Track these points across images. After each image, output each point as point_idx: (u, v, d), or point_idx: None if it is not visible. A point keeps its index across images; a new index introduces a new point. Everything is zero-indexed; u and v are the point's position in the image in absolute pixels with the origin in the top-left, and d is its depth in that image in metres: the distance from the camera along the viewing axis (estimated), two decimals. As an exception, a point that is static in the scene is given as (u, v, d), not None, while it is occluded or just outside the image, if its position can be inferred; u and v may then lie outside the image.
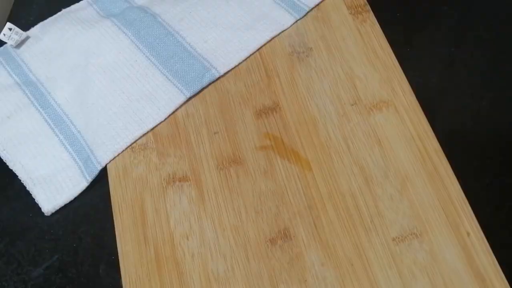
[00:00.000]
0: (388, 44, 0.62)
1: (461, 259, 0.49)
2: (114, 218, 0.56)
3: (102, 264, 0.54)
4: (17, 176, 0.60)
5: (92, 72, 0.65)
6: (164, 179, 0.57)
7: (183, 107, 0.62)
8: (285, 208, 0.54)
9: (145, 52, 0.65)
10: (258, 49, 0.65)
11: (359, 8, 0.65)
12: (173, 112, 0.59)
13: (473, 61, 0.61)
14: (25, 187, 0.59)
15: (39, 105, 0.64)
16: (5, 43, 0.68)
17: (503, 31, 0.63)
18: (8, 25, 0.66)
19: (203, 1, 0.69)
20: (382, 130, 0.56)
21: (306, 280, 0.50)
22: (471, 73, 0.60)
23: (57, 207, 0.58)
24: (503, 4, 0.65)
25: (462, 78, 0.60)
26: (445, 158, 0.54)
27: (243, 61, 0.64)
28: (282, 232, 0.52)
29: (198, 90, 0.61)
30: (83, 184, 0.58)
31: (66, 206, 0.58)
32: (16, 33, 0.67)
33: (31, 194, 0.58)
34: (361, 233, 0.51)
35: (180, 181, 0.57)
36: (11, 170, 0.60)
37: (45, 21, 0.71)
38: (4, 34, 0.66)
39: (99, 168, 0.59)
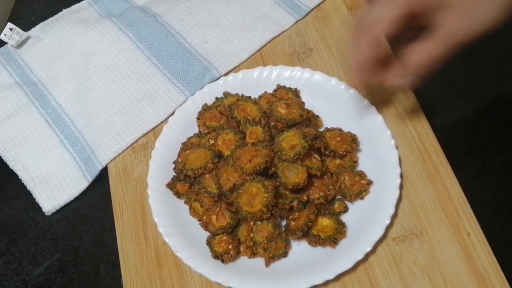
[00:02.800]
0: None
1: (461, 259, 0.49)
2: (114, 218, 0.56)
3: (102, 263, 0.55)
4: (18, 175, 0.60)
5: (93, 72, 0.65)
6: (164, 179, 0.57)
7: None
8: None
9: (146, 52, 0.65)
10: (259, 50, 0.65)
11: (360, 9, 0.65)
12: (174, 112, 0.59)
13: (473, 61, 0.61)
14: (25, 187, 0.59)
15: (40, 105, 0.64)
16: (6, 43, 0.68)
17: (503, 32, 0.63)
18: (9, 25, 0.66)
19: (204, 2, 0.69)
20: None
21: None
22: (471, 73, 0.61)
23: (58, 207, 0.58)
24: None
25: (462, 78, 0.60)
26: (445, 158, 0.54)
27: (244, 61, 0.64)
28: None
29: (198, 90, 0.61)
30: (83, 184, 0.59)
31: (66, 206, 0.58)
32: (17, 33, 0.67)
33: (31, 194, 0.59)
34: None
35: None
36: (12, 169, 0.60)
37: (46, 22, 0.71)
38: (5, 34, 0.66)
39: (100, 168, 0.59)
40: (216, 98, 0.59)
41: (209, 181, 0.52)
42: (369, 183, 0.52)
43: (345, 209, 0.51)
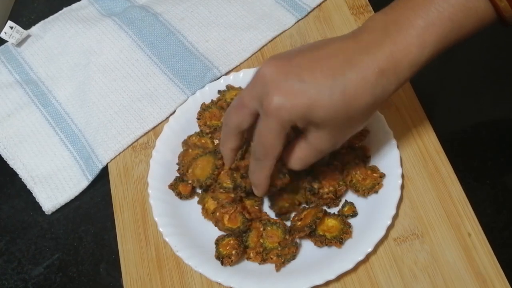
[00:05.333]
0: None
1: (462, 260, 0.49)
2: (115, 217, 0.56)
3: (102, 263, 0.54)
4: (18, 174, 0.60)
5: (93, 71, 0.65)
6: (165, 178, 0.57)
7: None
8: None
9: (147, 51, 0.65)
10: (260, 49, 0.65)
11: (361, 9, 0.65)
12: (174, 111, 0.59)
13: (473, 61, 0.61)
14: (25, 186, 0.59)
15: (40, 103, 0.64)
16: (6, 41, 0.68)
17: (503, 31, 0.63)
18: (9, 23, 0.66)
19: (205, 1, 0.69)
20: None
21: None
22: (472, 73, 0.61)
23: (58, 206, 0.58)
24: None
25: (463, 78, 0.60)
26: (446, 158, 0.54)
27: (245, 61, 0.64)
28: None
29: (199, 89, 0.61)
30: (84, 183, 0.58)
31: (66, 205, 0.58)
32: (17, 32, 0.67)
33: (31, 193, 0.58)
34: (362, 233, 0.51)
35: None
36: (12, 168, 0.60)
37: (46, 20, 0.71)
38: (5, 33, 0.66)
39: (100, 167, 0.59)
40: (219, 91, 0.58)
41: (224, 177, 0.51)
42: (382, 176, 0.51)
43: (354, 214, 0.51)
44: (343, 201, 0.52)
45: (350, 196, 0.53)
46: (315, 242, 0.50)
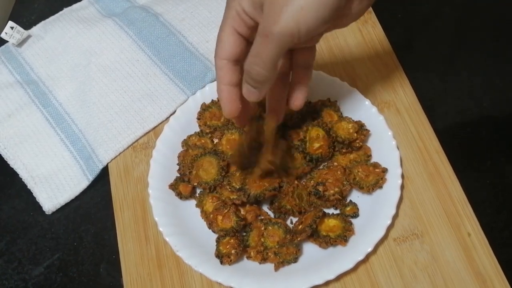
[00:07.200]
0: (390, 45, 0.62)
1: (462, 259, 0.49)
2: (115, 217, 0.56)
3: (103, 263, 0.54)
4: (18, 174, 0.60)
5: (94, 71, 0.65)
6: (165, 178, 0.57)
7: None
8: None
9: (147, 51, 0.65)
10: (260, 49, 0.65)
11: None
12: (175, 111, 0.59)
13: (473, 61, 0.61)
14: (26, 186, 0.59)
15: (40, 103, 0.64)
16: (7, 41, 0.68)
17: (503, 32, 0.63)
18: (10, 23, 0.66)
19: (205, 1, 0.69)
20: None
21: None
22: (471, 73, 0.61)
23: (58, 206, 0.58)
24: (503, 5, 0.65)
25: (463, 78, 0.60)
26: (446, 158, 0.54)
27: (245, 61, 0.64)
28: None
29: (199, 90, 0.61)
30: (84, 183, 0.59)
31: (67, 205, 0.58)
32: (18, 32, 0.67)
33: (32, 193, 0.58)
34: (362, 233, 0.51)
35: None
36: (12, 168, 0.60)
37: (47, 20, 0.71)
38: (6, 33, 0.66)
39: (100, 167, 0.59)
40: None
41: (237, 178, 0.52)
42: (384, 170, 0.51)
43: (355, 214, 0.51)
44: (347, 200, 0.53)
45: (353, 196, 0.53)
46: (320, 244, 0.49)
